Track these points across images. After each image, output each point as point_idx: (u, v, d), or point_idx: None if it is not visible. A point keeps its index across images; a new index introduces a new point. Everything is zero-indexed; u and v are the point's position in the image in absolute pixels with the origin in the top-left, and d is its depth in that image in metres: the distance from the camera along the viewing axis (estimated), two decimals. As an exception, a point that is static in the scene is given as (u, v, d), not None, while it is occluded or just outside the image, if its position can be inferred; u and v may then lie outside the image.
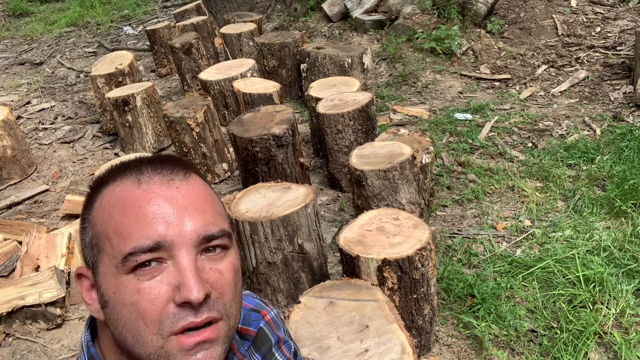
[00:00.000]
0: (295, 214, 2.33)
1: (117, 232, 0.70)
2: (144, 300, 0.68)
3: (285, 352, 0.99)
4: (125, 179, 0.74)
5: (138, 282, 0.69)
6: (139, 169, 0.74)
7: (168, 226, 0.70)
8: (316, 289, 2.05)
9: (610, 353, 2.22)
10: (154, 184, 0.72)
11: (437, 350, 2.31)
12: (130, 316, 0.69)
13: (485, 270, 2.70)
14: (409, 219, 2.23)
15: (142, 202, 0.70)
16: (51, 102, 5.74)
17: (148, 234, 0.69)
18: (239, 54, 5.34)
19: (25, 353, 2.61)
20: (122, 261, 0.69)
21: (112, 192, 0.73)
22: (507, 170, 3.54)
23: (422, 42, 5.37)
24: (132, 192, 0.72)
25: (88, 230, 0.75)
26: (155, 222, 0.69)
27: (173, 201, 0.71)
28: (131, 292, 0.69)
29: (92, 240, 0.74)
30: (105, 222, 0.72)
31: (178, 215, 0.71)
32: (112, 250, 0.70)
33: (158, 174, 0.74)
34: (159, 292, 0.68)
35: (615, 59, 4.97)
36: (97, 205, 0.74)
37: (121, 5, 9.44)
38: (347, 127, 3.27)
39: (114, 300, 0.70)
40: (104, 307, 0.73)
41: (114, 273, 0.70)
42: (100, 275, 0.72)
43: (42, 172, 4.42)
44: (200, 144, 3.72)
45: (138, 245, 0.68)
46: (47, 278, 2.76)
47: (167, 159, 0.77)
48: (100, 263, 0.72)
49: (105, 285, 0.71)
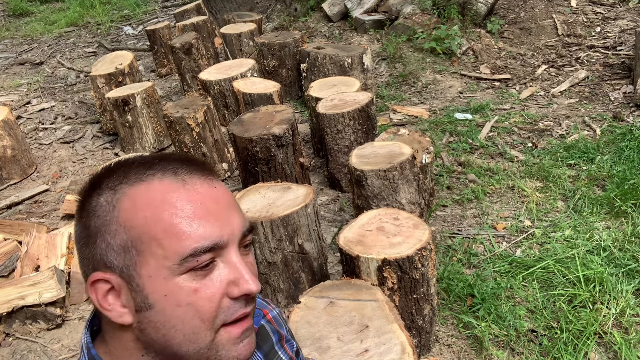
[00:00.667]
0: (295, 214, 2.33)
1: (170, 233, 0.69)
2: (202, 299, 0.70)
3: (288, 350, 0.99)
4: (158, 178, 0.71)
5: (194, 283, 0.69)
6: (173, 169, 0.73)
7: (222, 225, 0.71)
8: (316, 289, 2.05)
9: (610, 353, 2.22)
10: (197, 184, 0.72)
11: (437, 350, 2.31)
12: (185, 316, 0.70)
13: (485, 270, 2.70)
14: (409, 219, 2.23)
15: (193, 201, 0.70)
16: (51, 102, 5.74)
17: (206, 234, 0.69)
18: (239, 54, 5.34)
19: (25, 353, 2.61)
20: (179, 263, 0.68)
21: (150, 192, 0.71)
22: (507, 170, 3.54)
23: (422, 42, 5.38)
24: (178, 191, 0.70)
25: (117, 233, 0.71)
26: (211, 222, 0.70)
27: (218, 200, 0.73)
28: (187, 293, 0.69)
29: (127, 243, 0.70)
30: (149, 223, 0.69)
31: (226, 214, 0.73)
32: (164, 251, 0.69)
33: (196, 173, 0.73)
34: (215, 289, 0.70)
35: (615, 59, 4.97)
36: (127, 207, 0.71)
37: (121, 5, 9.44)
38: (347, 127, 3.27)
39: (165, 302, 0.70)
40: (144, 310, 0.71)
41: (165, 275, 0.69)
42: (143, 278, 0.70)
43: (42, 172, 4.42)
44: (200, 144, 3.72)
45: (199, 246, 0.69)
46: (47, 278, 2.76)
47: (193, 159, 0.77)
48: (141, 266, 0.70)
49: (152, 288, 0.70)
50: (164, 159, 0.75)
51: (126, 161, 0.76)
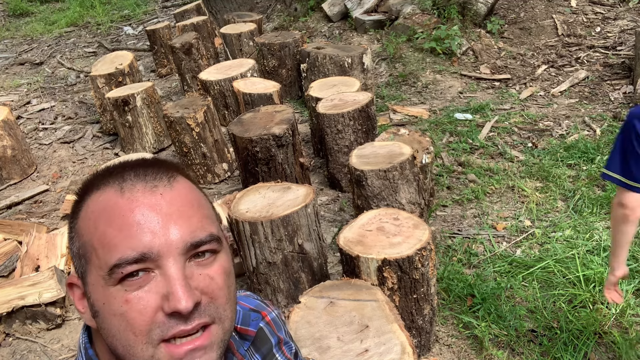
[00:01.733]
0: (295, 214, 2.32)
1: (102, 243, 0.69)
2: (133, 311, 0.68)
3: (286, 353, 0.99)
4: (108, 186, 0.72)
5: (126, 293, 0.68)
6: (121, 176, 0.72)
7: (153, 236, 0.68)
8: (316, 289, 2.05)
9: (610, 353, 2.22)
10: (137, 191, 0.70)
11: (437, 350, 2.31)
12: (119, 326, 0.69)
13: (485, 270, 2.70)
14: (409, 219, 2.23)
15: (125, 211, 0.69)
16: (51, 102, 5.74)
17: (133, 245, 0.67)
18: (239, 54, 5.34)
19: (25, 353, 2.61)
20: (108, 273, 0.68)
21: (97, 201, 0.71)
22: (507, 170, 3.54)
23: (422, 42, 5.37)
24: (115, 201, 0.70)
25: (75, 240, 0.73)
26: (139, 232, 0.68)
27: (157, 209, 0.70)
28: (119, 303, 0.68)
29: (80, 251, 0.72)
30: (90, 232, 0.70)
31: (163, 224, 0.69)
32: (99, 261, 0.69)
33: (141, 180, 0.72)
34: (147, 302, 0.68)
35: (615, 59, 4.97)
36: (83, 214, 0.72)
37: (121, 5, 9.44)
38: (347, 127, 3.27)
39: (104, 310, 0.70)
40: (94, 316, 0.72)
41: (102, 284, 0.69)
42: (90, 286, 0.71)
43: (42, 172, 4.42)
44: (200, 144, 3.72)
45: (123, 256, 0.67)
46: (47, 278, 2.76)
47: (151, 164, 0.75)
48: (88, 274, 0.71)
49: (95, 296, 0.71)
50: (125, 166, 0.74)
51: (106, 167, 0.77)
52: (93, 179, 0.75)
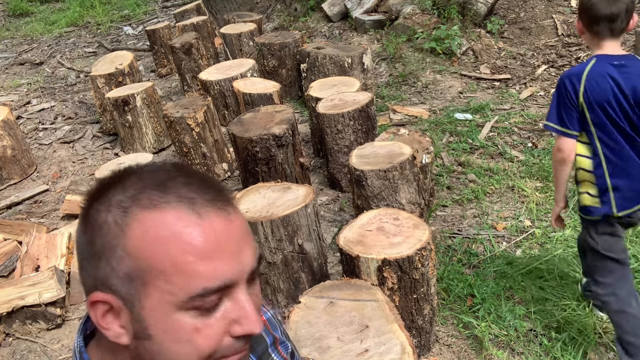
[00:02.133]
0: (295, 214, 2.33)
1: (178, 270, 0.66)
2: (202, 338, 0.67)
3: (282, 352, 0.98)
4: (173, 207, 0.67)
5: (195, 321, 0.67)
6: (189, 198, 0.68)
7: (233, 264, 0.68)
8: (316, 289, 2.05)
9: (611, 353, 2.22)
10: (213, 219, 0.68)
11: (437, 350, 2.31)
12: (182, 351, 0.68)
13: (485, 270, 2.70)
14: (409, 219, 2.23)
15: (206, 238, 0.67)
16: (51, 102, 5.74)
17: (217, 274, 0.66)
18: (239, 54, 5.34)
19: (25, 353, 2.61)
20: (186, 301, 0.66)
21: (163, 223, 0.66)
22: (507, 170, 3.54)
23: (422, 42, 5.37)
24: (192, 226, 0.67)
25: (123, 260, 0.67)
26: (222, 261, 0.67)
27: (232, 237, 0.69)
28: (187, 331, 0.67)
29: (133, 273, 0.67)
30: (156, 255, 0.66)
31: (238, 252, 0.69)
32: (171, 287, 0.66)
33: (212, 204, 0.69)
34: (217, 329, 0.68)
35: (615, 59, 4.96)
36: (137, 234, 0.67)
37: (121, 5, 9.44)
38: (347, 127, 3.27)
39: (163, 337, 0.68)
40: (142, 339, 0.69)
41: (167, 310, 0.67)
42: (146, 310, 0.68)
43: (42, 172, 4.42)
44: (200, 144, 3.72)
45: (208, 286, 0.66)
46: (47, 278, 2.76)
47: (211, 184, 0.72)
48: (144, 297, 0.67)
49: (152, 320, 0.68)
50: (183, 183, 0.70)
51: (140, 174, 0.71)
52: (132, 191, 0.69)
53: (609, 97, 1.85)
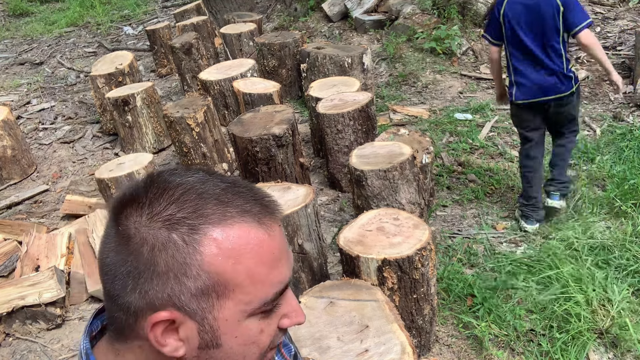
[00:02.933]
0: (295, 214, 2.33)
1: (254, 281, 0.71)
2: (265, 336, 0.75)
3: (286, 355, 0.99)
4: (238, 222, 0.70)
5: (261, 323, 0.74)
6: (252, 212, 0.72)
7: (290, 266, 0.76)
8: (316, 289, 2.05)
9: (610, 353, 2.22)
10: (274, 229, 0.74)
11: (437, 350, 2.31)
12: (247, 352, 0.74)
13: (486, 270, 2.70)
14: (409, 219, 2.23)
15: (273, 248, 0.73)
16: (51, 102, 5.74)
17: (283, 278, 0.74)
18: (239, 54, 5.34)
19: (25, 353, 2.61)
20: (260, 307, 0.72)
21: (236, 238, 0.70)
22: (507, 170, 3.54)
23: (422, 42, 5.37)
24: (262, 239, 0.72)
25: (200, 277, 0.68)
26: (285, 265, 0.74)
27: (285, 242, 0.76)
28: (255, 334, 0.74)
29: (208, 288, 0.69)
30: (236, 270, 0.69)
31: (288, 254, 0.77)
32: (248, 297, 0.71)
33: (270, 215, 0.74)
34: (274, 326, 0.76)
35: (615, 59, 4.97)
36: (212, 251, 0.68)
37: (121, 5, 9.44)
38: (347, 127, 3.27)
39: (233, 342, 0.73)
40: (208, 348, 0.73)
41: (240, 318, 0.72)
42: (219, 321, 0.71)
43: (42, 172, 4.42)
44: (200, 144, 3.72)
45: (279, 290, 0.73)
46: (47, 278, 2.76)
47: (264, 196, 0.77)
48: (219, 309, 0.71)
49: (225, 330, 0.72)
50: (237, 194, 0.73)
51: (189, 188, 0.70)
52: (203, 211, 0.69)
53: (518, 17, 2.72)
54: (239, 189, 0.74)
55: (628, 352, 2.21)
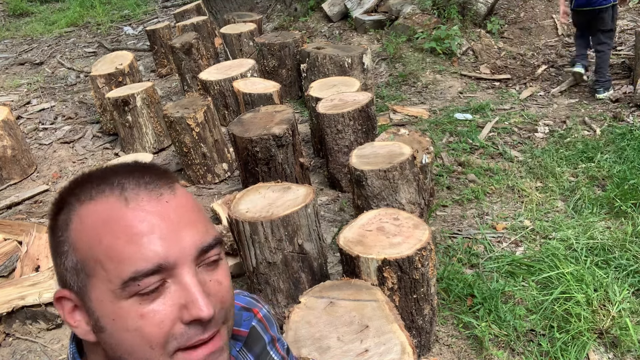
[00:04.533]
0: (295, 214, 2.32)
1: (110, 257, 0.66)
2: (149, 325, 0.66)
3: (280, 350, 0.98)
4: (105, 196, 0.68)
5: (140, 307, 0.66)
6: (120, 184, 0.68)
7: (167, 245, 0.66)
8: (316, 289, 2.05)
9: (610, 353, 2.22)
10: (143, 200, 0.68)
11: (437, 350, 2.31)
12: (134, 341, 0.67)
13: (485, 270, 2.70)
14: (409, 219, 2.23)
15: (133, 221, 0.66)
16: (51, 102, 5.74)
17: (147, 256, 0.65)
18: (239, 54, 5.34)
19: (25, 353, 2.61)
20: (121, 287, 0.65)
21: (95, 212, 0.67)
22: (507, 170, 3.54)
23: (422, 42, 5.37)
24: (120, 211, 0.67)
25: (69, 254, 0.69)
26: (152, 242, 0.66)
27: (166, 217, 0.68)
28: (134, 318, 0.66)
29: (78, 265, 0.68)
30: (93, 245, 0.67)
31: (174, 232, 0.67)
32: (107, 275, 0.66)
33: (143, 188, 0.69)
34: (164, 314, 0.66)
35: (615, 59, 4.96)
36: (77, 227, 0.68)
37: (121, 5, 9.44)
38: (347, 127, 3.27)
39: (113, 326, 0.67)
40: (98, 332, 0.69)
41: (111, 299, 0.66)
42: (94, 302, 0.68)
43: (42, 172, 4.42)
44: (200, 144, 3.72)
45: (139, 269, 0.64)
46: (47, 278, 2.76)
47: (147, 169, 0.72)
48: (91, 289, 0.68)
49: (101, 312, 0.67)
50: (123, 172, 0.70)
51: (89, 174, 0.72)
52: (78, 188, 0.70)
53: None
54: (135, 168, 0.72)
55: (628, 352, 2.21)
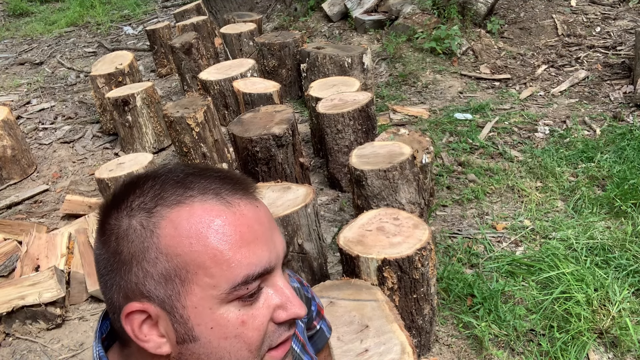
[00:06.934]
0: (295, 214, 2.32)
1: (218, 261, 0.64)
2: (250, 330, 0.67)
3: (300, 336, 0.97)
4: (199, 200, 0.66)
5: (240, 313, 0.66)
6: (214, 189, 0.68)
7: (269, 249, 0.68)
8: (316, 288, 2.05)
9: (610, 353, 2.22)
10: (243, 206, 0.68)
11: (437, 350, 2.31)
12: (232, 348, 0.67)
13: (485, 270, 2.70)
14: (409, 219, 2.23)
15: (239, 226, 0.66)
16: (51, 102, 5.74)
17: (257, 260, 0.66)
18: (239, 54, 5.34)
19: (25, 353, 2.61)
20: (229, 291, 0.65)
21: (192, 216, 0.65)
22: (507, 170, 3.54)
23: (422, 42, 5.38)
24: (224, 215, 0.66)
25: (158, 261, 0.65)
26: (260, 246, 0.67)
27: (263, 223, 0.69)
28: (235, 325, 0.66)
29: (170, 272, 0.65)
30: (195, 250, 0.64)
31: (271, 237, 0.69)
32: (213, 280, 0.64)
33: (237, 192, 0.69)
34: (263, 318, 0.68)
35: (615, 58, 4.97)
36: (169, 232, 0.65)
37: (121, 5, 9.44)
38: (347, 127, 3.27)
39: (211, 335, 0.66)
40: (188, 342, 0.67)
41: (211, 306, 0.65)
42: (189, 310, 0.66)
43: (42, 172, 4.42)
44: (200, 144, 3.72)
45: (250, 273, 0.65)
46: (47, 278, 2.76)
47: (233, 176, 0.72)
48: (186, 296, 0.65)
49: (197, 320, 0.66)
50: (201, 176, 0.69)
51: (155, 177, 0.69)
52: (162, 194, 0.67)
53: None
54: (208, 172, 0.70)
55: (628, 352, 2.21)
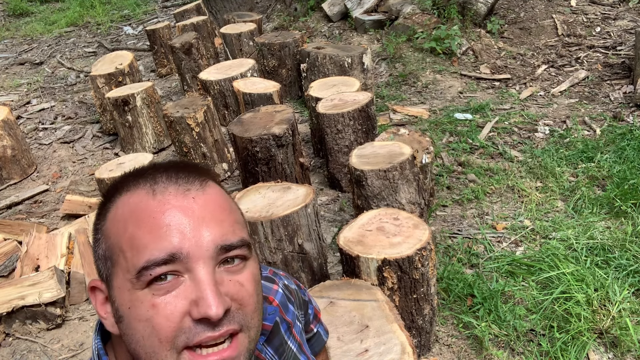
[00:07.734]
0: (295, 214, 2.32)
1: (131, 245, 0.67)
2: (159, 316, 0.66)
3: (297, 335, 0.98)
4: (139, 188, 0.70)
5: (153, 297, 0.66)
6: (153, 178, 0.71)
7: (183, 237, 0.67)
8: (316, 289, 2.05)
9: (610, 353, 2.22)
10: (169, 194, 0.69)
11: (437, 350, 2.31)
12: (144, 332, 0.67)
13: (485, 270, 2.70)
14: (409, 219, 2.23)
15: (156, 213, 0.68)
16: (51, 102, 5.74)
17: (162, 246, 0.66)
18: (239, 54, 5.34)
19: (25, 353, 2.61)
20: (136, 275, 0.66)
21: (126, 203, 0.70)
22: (507, 170, 3.54)
23: (422, 42, 5.38)
24: (146, 202, 0.69)
25: (101, 242, 0.72)
26: (169, 233, 0.67)
27: (189, 212, 0.69)
28: (146, 308, 0.66)
29: (106, 253, 0.71)
30: (119, 234, 0.69)
31: (194, 226, 0.68)
32: (127, 263, 0.67)
33: (173, 183, 0.71)
34: (174, 307, 0.66)
35: (615, 59, 4.97)
36: (111, 216, 0.71)
37: (121, 5, 9.44)
38: (347, 127, 3.27)
39: (129, 315, 0.68)
40: (118, 321, 0.70)
41: (129, 288, 0.67)
42: (115, 290, 0.69)
43: (42, 172, 4.42)
44: (200, 144, 3.72)
45: (152, 258, 0.66)
46: (47, 278, 2.76)
47: (184, 167, 0.74)
48: (114, 277, 0.69)
49: (120, 300, 0.69)
50: (156, 168, 0.73)
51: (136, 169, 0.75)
52: (122, 181, 0.74)
53: None
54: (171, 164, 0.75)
55: (628, 352, 2.21)
